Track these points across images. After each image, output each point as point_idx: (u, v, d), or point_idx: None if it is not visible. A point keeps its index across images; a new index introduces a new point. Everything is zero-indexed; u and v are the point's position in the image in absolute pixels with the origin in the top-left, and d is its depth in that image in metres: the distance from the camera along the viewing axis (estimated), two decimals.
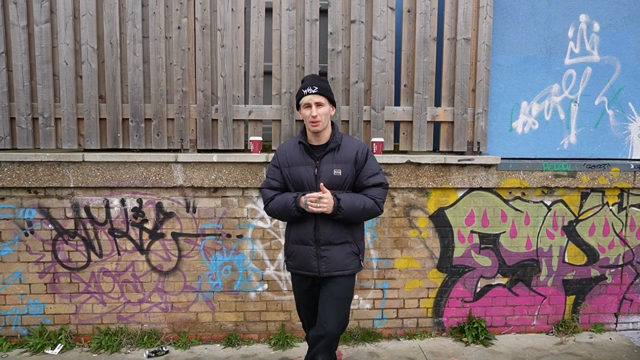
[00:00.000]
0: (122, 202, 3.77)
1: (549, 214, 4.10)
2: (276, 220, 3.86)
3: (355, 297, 3.99)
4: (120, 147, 3.80)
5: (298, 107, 2.80)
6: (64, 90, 3.71)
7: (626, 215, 4.19)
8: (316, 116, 2.66)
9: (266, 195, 2.85)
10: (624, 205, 4.17)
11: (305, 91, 2.71)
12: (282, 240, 3.90)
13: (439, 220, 3.99)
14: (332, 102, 2.80)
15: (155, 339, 3.86)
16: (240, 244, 3.88)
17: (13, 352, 3.68)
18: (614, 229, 4.18)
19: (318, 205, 2.63)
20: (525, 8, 3.97)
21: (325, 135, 2.79)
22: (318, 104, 2.69)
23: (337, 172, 2.74)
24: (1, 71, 3.66)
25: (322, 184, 2.67)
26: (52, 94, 3.73)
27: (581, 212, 4.13)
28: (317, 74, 2.95)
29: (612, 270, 4.23)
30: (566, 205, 4.11)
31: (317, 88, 2.69)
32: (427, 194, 3.95)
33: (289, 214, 2.71)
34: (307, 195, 2.67)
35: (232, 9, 3.75)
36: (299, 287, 2.98)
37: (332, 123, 2.86)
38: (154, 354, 3.69)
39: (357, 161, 2.77)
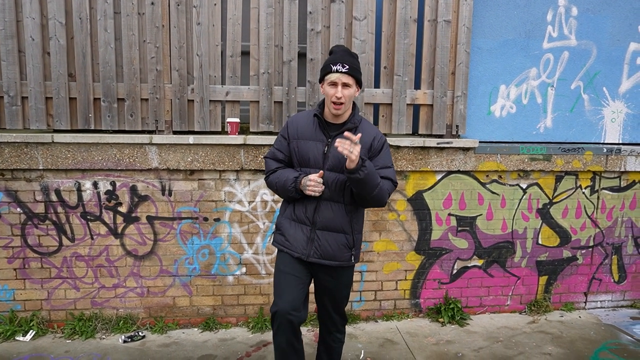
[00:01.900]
0: (95, 184, 3.66)
1: (524, 197, 4.17)
2: (255, 203, 3.81)
3: None
4: (92, 127, 3.66)
5: (321, 80, 2.50)
6: (30, 68, 3.53)
7: (598, 197, 4.29)
8: (341, 98, 2.39)
9: (269, 165, 2.66)
10: (596, 188, 4.27)
11: (334, 67, 2.38)
12: (260, 224, 3.86)
13: (417, 204, 4.01)
14: (360, 83, 2.52)
15: (131, 324, 3.80)
16: (217, 227, 3.83)
17: None
18: (585, 211, 4.29)
19: (314, 189, 2.42)
20: None
21: (345, 115, 2.53)
22: (345, 85, 2.40)
23: None
24: None
25: (321, 172, 2.45)
26: (18, 71, 3.55)
27: (555, 194, 4.22)
28: (348, 48, 2.58)
29: (583, 251, 4.35)
30: (541, 188, 4.18)
31: (347, 67, 2.39)
32: (406, 177, 3.96)
33: (287, 194, 2.52)
34: (310, 177, 2.43)
35: None
36: (282, 260, 2.63)
37: (354, 104, 2.60)
38: (130, 339, 3.63)
39: (371, 148, 2.53)
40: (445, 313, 4.08)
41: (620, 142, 4.30)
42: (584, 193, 4.26)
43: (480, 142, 3.97)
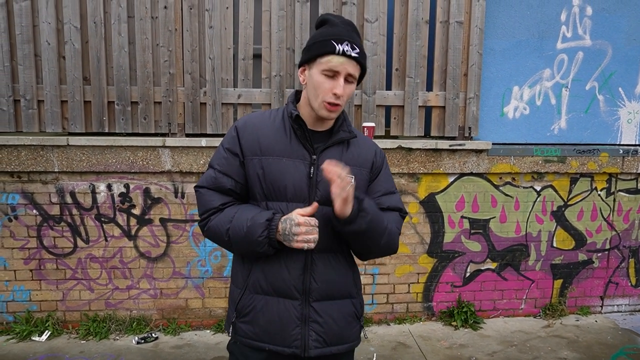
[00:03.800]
0: (109, 187, 3.69)
1: (538, 199, 4.12)
2: None
3: None
4: (106, 130, 3.70)
5: (308, 61, 1.58)
6: (46, 72, 3.59)
7: (614, 200, 4.22)
8: (340, 97, 1.53)
9: (208, 201, 1.63)
10: (612, 190, 4.20)
11: (339, 47, 1.50)
12: None
13: (430, 206, 3.99)
14: (362, 77, 1.65)
15: (145, 325, 3.83)
16: None
17: None
18: (601, 213, 4.22)
19: (308, 238, 1.49)
20: None
21: (331, 121, 1.66)
22: (349, 78, 1.55)
23: (350, 179, 1.52)
24: None
25: (315, 204, 1.52)
26: (34, 75, 3.61)
27: (570, 197, 4.16)
28: (351, 21, 1.63)
29: (599, 254, 4.28)
30: (555, 191, 4.12)
31: (358, 50, 1.53)
32: (418, 180, 3.93)
33: (251, 249, 1.54)
34: (297, 217, 1.49)
35: None
36: None
37: None
38: (143, 340, 3.66)
39: (373, 167, 1.73)
40: (459, 316, 4.04)
41: (637, 143, 4.22)
42: (599, 195, 4.19)
43: (493, 144, 3.94)
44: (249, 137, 1.62)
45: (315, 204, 1.52)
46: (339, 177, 1.40)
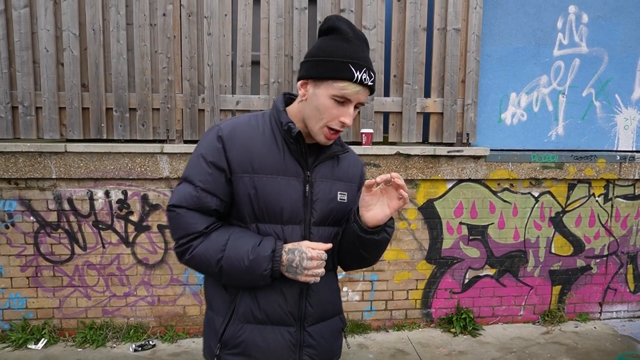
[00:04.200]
0: (107, 193, 3.68)
1: (536, 205, 4.12)
2: None
3: (345, 289, 3.98)
4: (104, 137, 3.70)
5: (318, 79, 1.38)
6: (44, 78, 3.59)
7: (611, 206, 4.23)
8: (346, 125, 1.42)
9: (188, 224, 1.41)
10: (610, 196, 4.21)
11: (358, 75, 1.34)
12: None
13: (428, 212, 3.99)
14: None
15: (142, 332, 3.80)
16: None
17: None
18: (599, 219, 4.23)
19: (317, 272, 1.41)
20: None
21: None
22: (359, 106, 1.44)
23: (342, 196, 1.55)
24: None
25: (329, 245, 1.45)
26: (33, 81, 3.61)
27: (568, 203, 4.17)
28: (362, 33, 1.44)
29: (597, 260, 4.28)
30: (553, 197, 4.13)
31: (374, 76, 1.41)
32: (417, 186, 3.94)
33: (254, 283, 1.42)
34: (308, 251, 1.39)
35: None
36: None
37: None
38: (140, 348, 3.63)
39: (361, 181, 1.65)
40: (457, 323, 4.02)
41: (634, 149, 4.24)
42: (597, 201, 4.20)
43: (491, 150, 3.95)
44: (238, 151, 1.42)
45: (329, 245, 1.44)
46: (405, 192, 1.36)
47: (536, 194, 4.11)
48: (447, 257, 4.07)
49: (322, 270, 1.41)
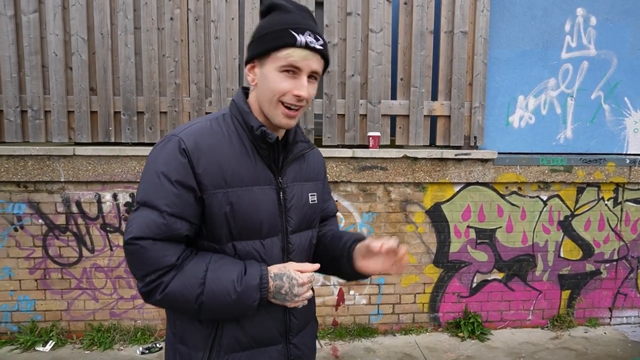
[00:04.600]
0: (114, 196, 3.70)
1: (545, 209, 4.09)
2: None
3: (352, 292, 3.96)
4: (112, 140, 3.72)
5: (261, 55, 1.27)
6: (53, 82, 3.62)
7: (621, 210, 4.19)
8: (304, 100, 1.28)
9: (157, 258, 1.21)
10: (619, 200, 4.17)
11: (301, 38, 1.23)
12: None
13: (436, 215, 3.96)
14: (325, 70, 1.36)
15: (149, 335, 3.81)
16: None
17: (3, 349, 3.60)
18: (609, 223, 4.18)
19: (307, 296, 1.32)
20: (522, 1, 3.94)
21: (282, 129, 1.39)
22: (313, 75, 1.29)
23: (313, 197, 1.46)
24: None
25: (316, 265, 1.37)
26: (42, 86, 3.64)
27: (577, 207, 4.13)
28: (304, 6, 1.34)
29: (607, 265, 4.24)
30: (562, 200, 4.10)
31: (321, 40, 1.27)
32: (424, 189, 3.92)
33: (241, 314, 1.29)
34: (297, 274, 1.29)
35: (226, 0, 3.68)
36: None
37: None
38: (147, 351, 3.63)
39: (324, 176, 1.59)
40: (465, 327, 3.99)
41: None
42: (606, 205, 4.16)
43: (499, 153, 3.92)
44: (208, 164, 1.24)
45: (317, 265, 1.36)
46: (404, 262, 1.35)
47: (545, 198, 4.08)
48: (455, 260, 4.04)
49: (310, 293, 1.32)
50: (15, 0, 3.56)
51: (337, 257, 1.46)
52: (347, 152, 3.70)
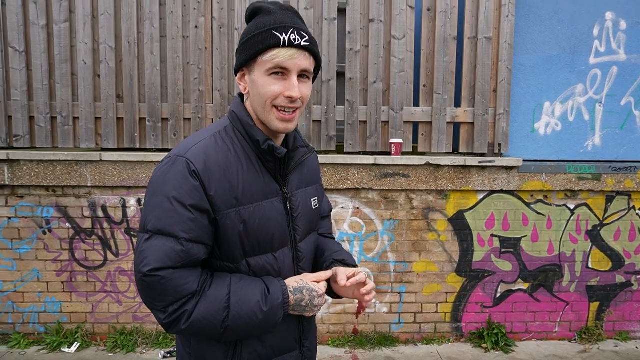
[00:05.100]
0: (139, 201, 3.76)
1: (572, 218, 3.98)
2: None
3: (372, 300, 3.92)
4: (137, 146, 3.79)
5: (245, 64, 1.27)
6: (82, 90, 3.72)
7: None
8: (298, 100, 1.25)
9: (178, 287, 1.19)
10: None
11: (284, 37, 1.20)
12: None
13: (458, 224, 3.90)
14: (318, 70, 1.35)
15: (171, 339, 3.84)
16: None
17: (31, 350, 3.69)
18: None
19: (323, 303, 1.38)
20: (549, 6, 3.87)
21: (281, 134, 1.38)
22: (304, 74, 1.26)
23: (315, 201, 1.48)
24: (21, 70, 3.69)
25: (336, 270, 1.40)
26: (71, 93, 3.74)
27: (606, 216, 4.01)
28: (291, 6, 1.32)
29: (639, 276, 4.09)
30: (590, 209, 3.98)
31: (307, 36, 1.24)
32: (447, 197, 3.87)
33: (266, 332, 1.30)
34: (314, 284, 1.34)
35: None
36: None
37: None
38: (169, 355, 3.67)
39: (320, 179, 1.60)
40: (489, 338, 3.90)
41: None
42: (637, 214, 4.02)
43: (524, 160, 3.84)
44: (220, 185, 1.22)
45: (330, 272, 1.39)
46: (369, 299, 1.41)
47: (572, 206, 3.97)
48: (478, 269, 3.97)
49: (325, 300, 1.36)
50: (47, 10, 3.68)
51: (316, 269, 1.50)
52: (369, 159, 3.68)
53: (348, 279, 1.35)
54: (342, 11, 3.83)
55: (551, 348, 3.94)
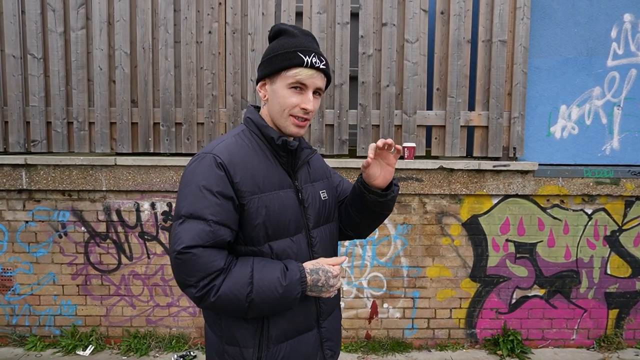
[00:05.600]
0: (153, 205, 3.79)
1: (589, 223, 3.90)
2: None
3: (385, 305, 3.89)
4: (151, 151, 3.82)
5: (272, 74, 1.48)
6: (97, 95, 3.77)
7: None
8: (310, 112, 1.48)
9: (207, 263, 1.34)
10: None
11: (307, 59, 1.43)
12: None
13: (473, 228, 3.85)
14: (326, 87, 1.59)
15: (184, 343, 3.86)
16: None
17: (46, 352, 3.74)
18: None
19: (339, 285, 1.54)
20: (565, 8, 3.82)
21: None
22: (317, 92, 1.51)
23: (324, 193, 1.66)
24: (39, 76, 3.75)
25: (344, 257, 1.58)
26: (87, 98, 3.79)
27: (625, 221, 3.92)
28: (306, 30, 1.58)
29: None
30: (609, 214, 3.90)
31: (324, 60, 1.49)
32: (460, 201, 3.82)
33: (286, 308, 1.44)
34: (329, 267, 1.48)
35: (263, 13, 3.74)
36: None
37: None
38: (181, 358, 3.68)
39: (330, 174, 1.78)
40: (504, 345, 3.84)
41: None
42: None
43: (539, 164, 3.79)
44: (243, 174, 1.42)
45: (344, 257, 1.56)
46: (396, 146, 1.52)
47: (589, 211, 3.89)
48: (493, 275, 3.91)
49: (342, 283, 1.46)
50: (65, 17, 3.75)
51: (356, 195, 1.64)
52: None
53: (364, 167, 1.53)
54: (354, 15, 3.83)
55: (569, 356, 3.86)
